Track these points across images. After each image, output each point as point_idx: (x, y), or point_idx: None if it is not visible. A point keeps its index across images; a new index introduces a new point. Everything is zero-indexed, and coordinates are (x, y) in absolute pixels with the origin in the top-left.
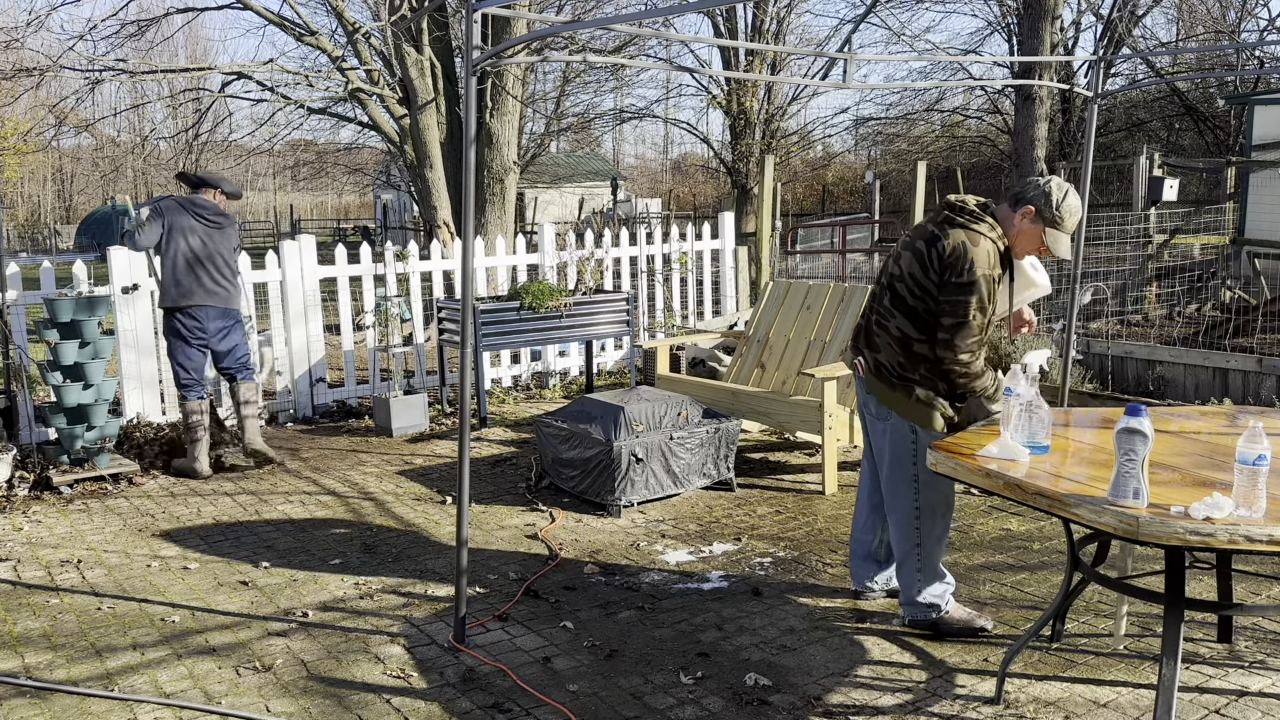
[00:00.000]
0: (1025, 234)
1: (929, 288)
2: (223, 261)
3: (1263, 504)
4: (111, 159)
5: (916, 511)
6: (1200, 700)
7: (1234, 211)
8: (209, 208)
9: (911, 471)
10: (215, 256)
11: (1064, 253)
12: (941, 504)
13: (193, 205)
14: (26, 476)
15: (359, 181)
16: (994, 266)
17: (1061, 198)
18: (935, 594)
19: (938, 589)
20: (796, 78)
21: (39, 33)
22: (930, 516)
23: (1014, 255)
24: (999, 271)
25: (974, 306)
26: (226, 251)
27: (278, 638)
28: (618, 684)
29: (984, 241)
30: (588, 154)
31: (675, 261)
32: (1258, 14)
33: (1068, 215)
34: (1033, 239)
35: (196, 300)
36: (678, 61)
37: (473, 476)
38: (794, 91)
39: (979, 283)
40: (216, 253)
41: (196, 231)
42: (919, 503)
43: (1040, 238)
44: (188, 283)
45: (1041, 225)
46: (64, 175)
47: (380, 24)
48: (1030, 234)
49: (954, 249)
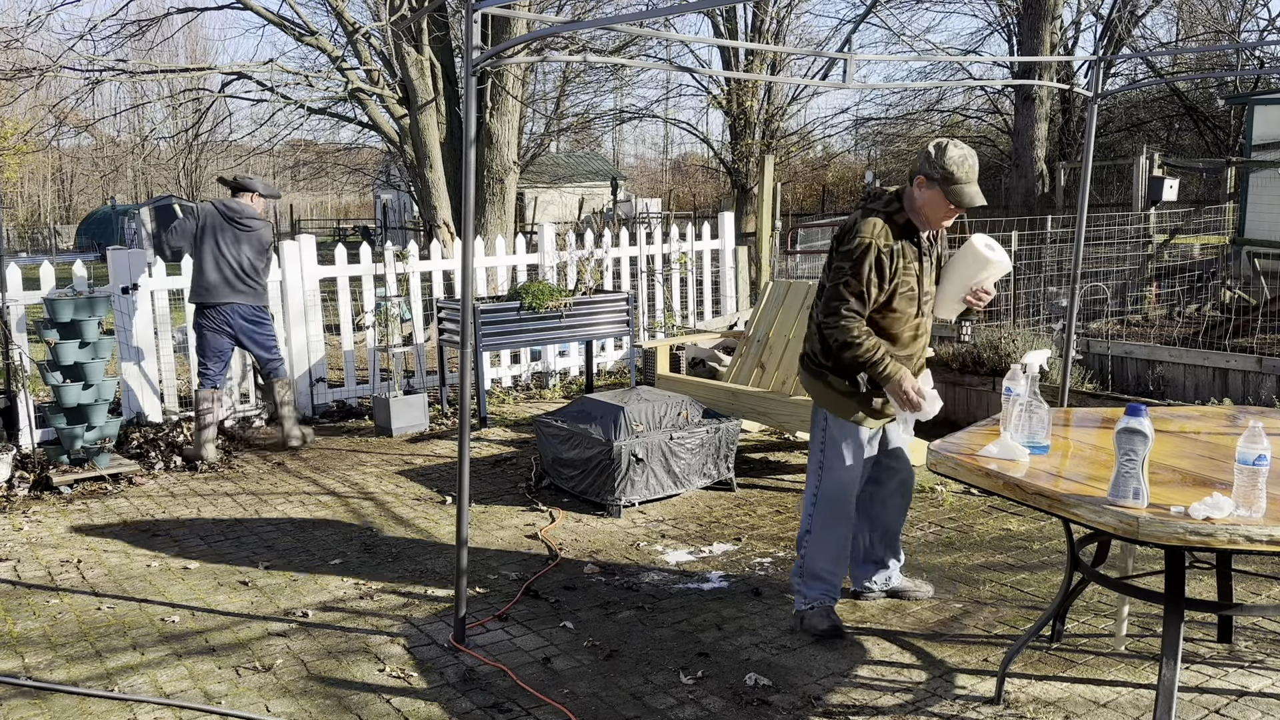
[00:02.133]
0: (929, 202)
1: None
2: (249, 263)
3: (1263, 504)
4: (111, 159)
5: (815, 498)
6: (1200, 700)
7: (1234, 211)
8: (240, 211)
9: (819, 458)
10: (243, 258)
11: (971, 202)
12: (837, 501)
13: (225, 209)
14: (26, 476)
15: (359, 181)
16: (879, 238)
17: (939, 154)
18: (809, 593)
19: (813, 591)
20: (796, 78)
21: (39, 33)
22: (826, 508)
23: (931, 227)
24: (891, 245)
25: (848, 273)
26: (254, 253)
27: (278, 638)
28: (618, 684)
29: (874, 217)
30: (588, 154)
31: (675, 261)
32: (1258, 14)
33: (954, 166)
34: (938, 204)
35: (222, 298)
36: (678, 61)
37: (473, 476)
38: (794, 91)
39: (855, 250)
40: (244, 254)
41: (226, 234)
42: (819, 490)
43: (944, 200)
44: (215, 283)
45: (937, 187)
46: (64, 175)
47: (380, 24)
48: (933, 200)
49: (848, 225)
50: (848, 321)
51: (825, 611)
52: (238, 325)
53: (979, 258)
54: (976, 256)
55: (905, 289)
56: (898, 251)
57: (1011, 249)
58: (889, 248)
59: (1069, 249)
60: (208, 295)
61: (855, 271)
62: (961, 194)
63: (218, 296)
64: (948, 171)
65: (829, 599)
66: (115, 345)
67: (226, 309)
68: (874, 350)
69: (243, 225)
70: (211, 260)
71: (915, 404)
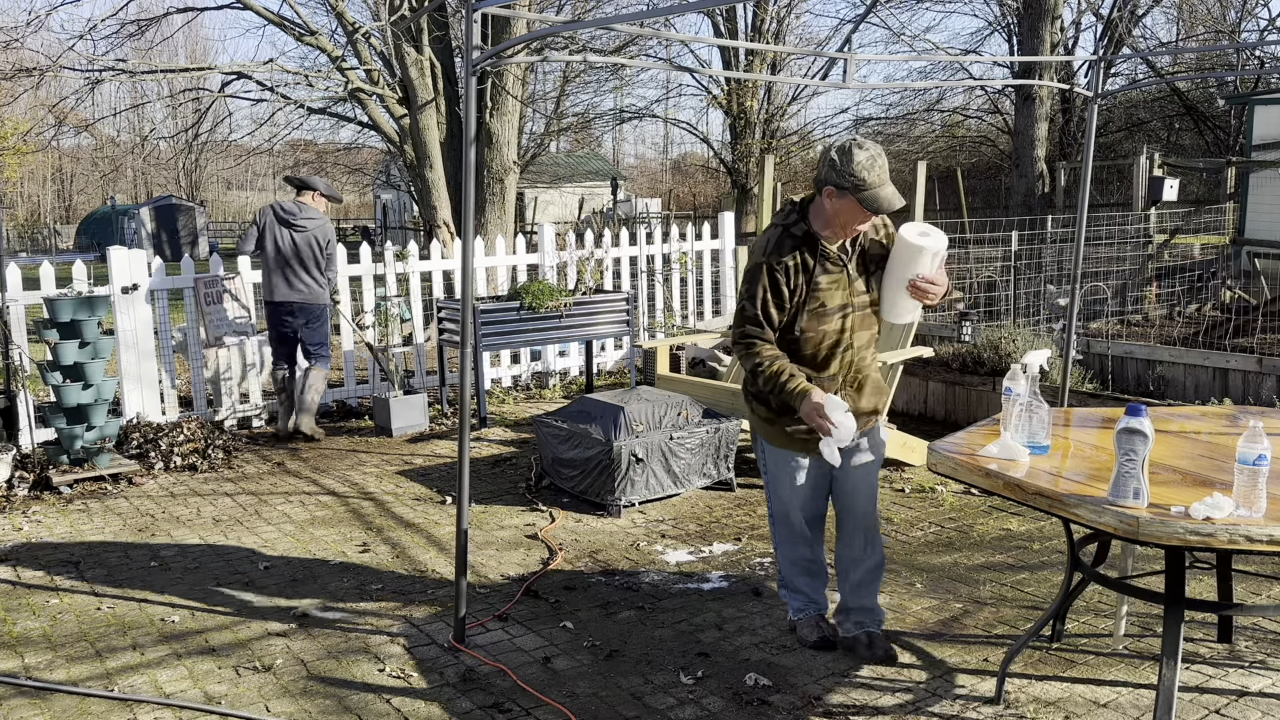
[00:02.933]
0: (841, 210)
1: None
2: (307, 263)
3: (1263, 504)
4: (111, 159)
5: (770, 517)
6: (1200, 700)
7: (1234, 211)
8: (294, 213)
9: (765, 478)
10: (300, 258)
11: (890, 206)
12: (784, 522)
13: (281, 211)
14: (26, 476)
15: (359, 181)
16: (773, 254)
17: (844, 160)
18: (792, 603)
19: (796, 601)
20: (796, 78)
21: (39, 33)
22: (778, 529)
23: (845, 235)
24: (786, 261)
25: (743, 295)
26: (310, 254)
27: (278, 638)
28: (618, 684)
29: (770, 230)
30: (588, 154)
31: (675, 261)
32: (1258, 14)
33: (864, 172)
34: (852, 211)
35: (280, 296)
36: (678, 61)
37: (473, 476)
38: (794, 91)
39: (749, 271)
40: (300, 255)
41: (284, 236)
42: (770, 511)
43: (858, 207)
44: (275, 281)
45: (849, 196)
46: (64, 175)
47: (380, 24)
48: (846, 208)
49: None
50: (751, 344)
51: (814, 622)
52: (294, 322)
53: (909, 247)
54: (907, 247)
55: (814, 305)
56: (795, 267)
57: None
58: (783, 264)
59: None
60: (269, 294)
61: (749, 293)
62: (877, 200)
63: (276, 295)
64: (858, 179)
65: (813, 609)
66: (115, 345)
67: (283, 307)
68: (778, 373)
69: (297, 226)
70: (273, 263)
71: (821, 427)
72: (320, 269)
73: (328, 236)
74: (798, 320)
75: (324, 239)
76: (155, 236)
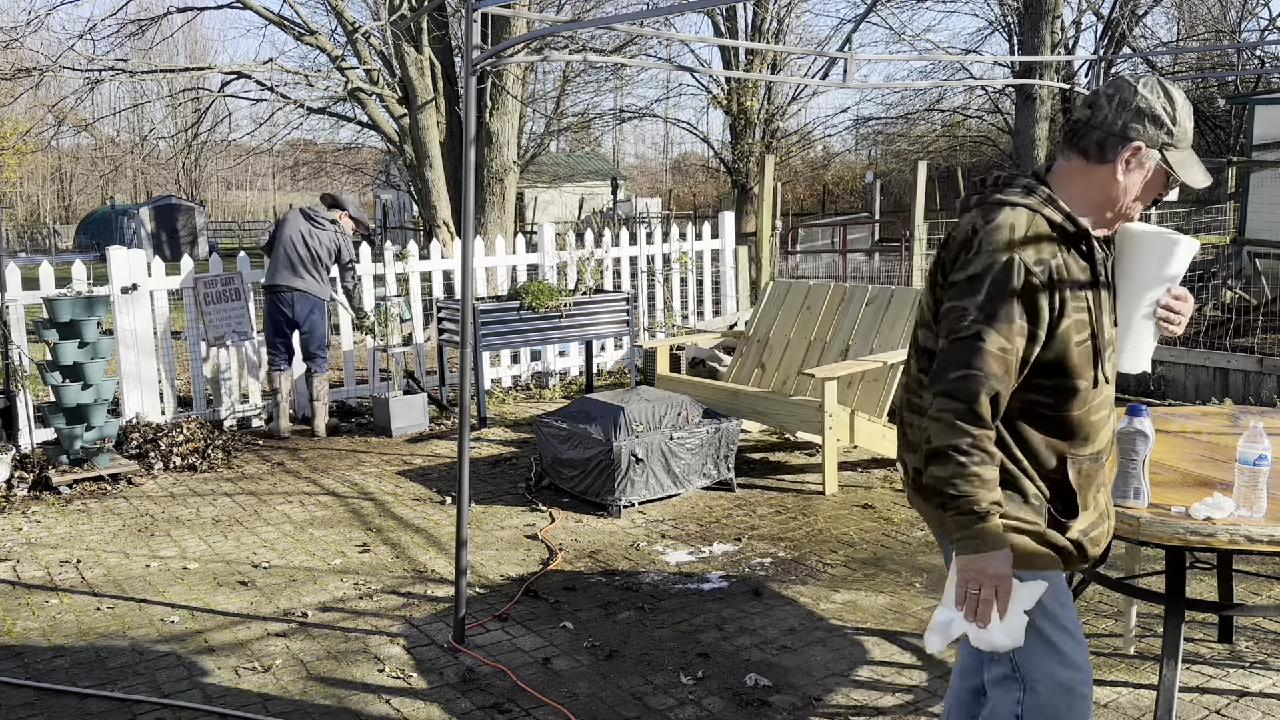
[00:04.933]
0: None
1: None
2: (314, 259)
3: (1263, 504)
4: (111, 159)
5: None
6: (1201, 700)
7: (1234, 211)
8: (319, 211)
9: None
10: (309, 252)
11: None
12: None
13: (307, 208)
14: (26, 476)
15: (358, 181)
16: (1031, 247)
17: (1169, 104)
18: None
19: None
20: (797, 77)
21: (39, 32)
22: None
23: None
24: (1052, 260)
25: (977, 313)
26: (319, 253)
27: (277, 638)
28: (618, 684)
29: (1011, 211)
30: (588, 154)
31: (675, 261)
32: (1258, 14)
33: (1185, 117)
34: (1152, 187)
35: (282, 280)
36: (678, 61)
37: (473, 476)
38: (794, 91)
39: (996, 269)
40: (310, 249)
41: (300, 228)
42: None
43: (1163, 180)
44: (279, 267)
45: (1159, 159)
46: (63, 175)
47: (380, 24)
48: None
49: (960, 232)
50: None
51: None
52: (296, 311)
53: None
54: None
55: (1081, 337)
56: (1058, 270)
57: None
58: (1045, 266)
59: None
60: (271, 277)
61: (987, 312)
62: (1188, 169)
63: (278, 279)
64: (1180, 129)
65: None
66: (115, 345)
67: (286, 294)
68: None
69: (317, 223)
70: (280, 246)
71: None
72: (325, 271)
73: (338, 245)
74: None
75: (334, 247)
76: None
